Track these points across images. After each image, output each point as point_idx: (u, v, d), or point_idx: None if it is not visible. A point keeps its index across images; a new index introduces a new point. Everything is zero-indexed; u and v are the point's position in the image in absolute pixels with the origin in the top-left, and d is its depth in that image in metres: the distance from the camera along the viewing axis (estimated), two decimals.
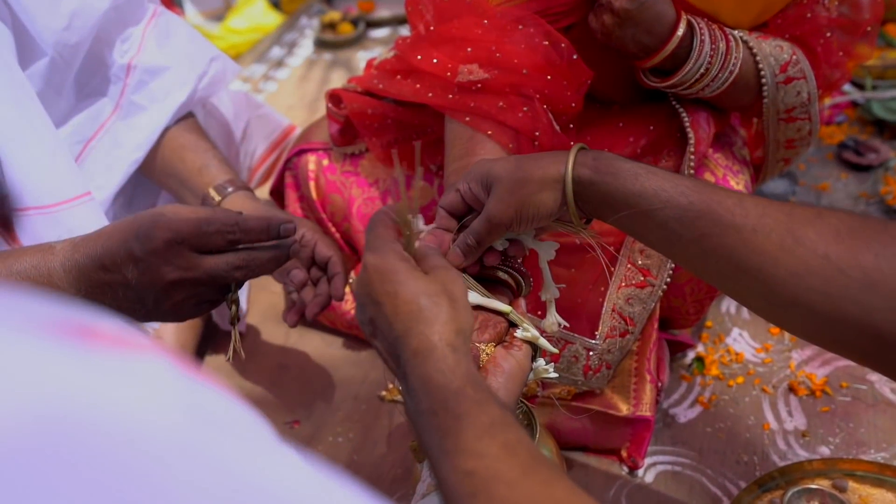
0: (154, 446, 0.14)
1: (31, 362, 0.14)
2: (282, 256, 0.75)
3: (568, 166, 0.64)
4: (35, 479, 0.12)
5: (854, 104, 1.57)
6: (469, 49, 0.91)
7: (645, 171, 0.63)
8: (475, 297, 0.69)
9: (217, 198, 0.98)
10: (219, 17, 2.43)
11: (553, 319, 0.72)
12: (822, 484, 0.85)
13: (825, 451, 0.92)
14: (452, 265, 0.66)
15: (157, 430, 0.15)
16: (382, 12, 2.09)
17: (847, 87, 1.58)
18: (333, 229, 1.12)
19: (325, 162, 1.12)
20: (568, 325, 0.74)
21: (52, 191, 0.87)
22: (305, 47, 2.02)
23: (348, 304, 1.12)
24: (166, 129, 1.04)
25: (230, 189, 0.99)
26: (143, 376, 0.16)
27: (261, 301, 1.24)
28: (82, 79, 1.03)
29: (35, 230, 0.86)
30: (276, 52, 2.01)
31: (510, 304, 0.74)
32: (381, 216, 0.62)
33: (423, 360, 0.51)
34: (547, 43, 0.90)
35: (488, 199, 0.67)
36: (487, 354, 0.68)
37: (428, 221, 0.73)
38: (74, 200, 0.88)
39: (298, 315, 0.94)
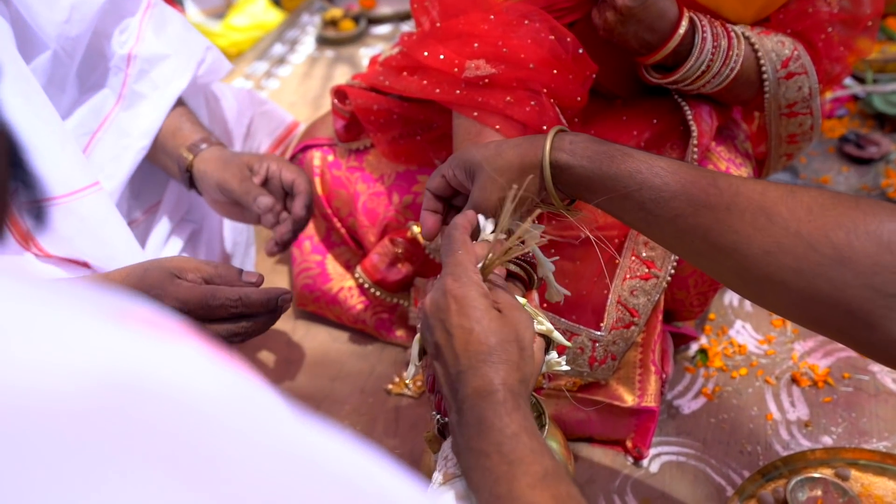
0: (213, 409, 0.15)
1: (96, 337, 0.15)
2: (275, 320, 0.78)
3: (545, 151, 0.65)
4: (107, 436, 0.13)
5: (855, 98, 1.57)
6: (476, 44, 0.91)
7: (621, 154, 0.63)
8: None
9: (189, 157, 1.00)
10: (220, 14, 2.43)
11: (556, 289, 0.73)
12: (825, 473, 0.86)
13: (828, 440, 0.93)
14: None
15: (213, 396, 0.15)
16: (384, 9, 2.09)
17: (848, 80, 1.59)
18: (339, 224, 1.12)
19: (331, 158, 1.13)
20: (570, 293, 0.74)
21: (63, 181, 0.88)
22: (307, 44, 2.03)
23: (354, 300, 1.13)
24: None
25: (203, 146, 1.01)
26: (189, 355, 0.17)
27: None
28: (83, 72, 1.04)
29: (52, 222, 0.88)
30: (278, 49, 2.01)
31: (523, 296, 0.75)
32: (460, 233, 0.63)
33: (483, 401, 0.52)
34: (553, 38, 0.91)
35: (472, 188, 0.68)
36: None
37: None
38: (85, 190, 0.90)
39: (274, 243, 0.95)
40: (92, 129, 1.04)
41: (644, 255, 0.92)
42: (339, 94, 1.09)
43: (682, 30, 0.87)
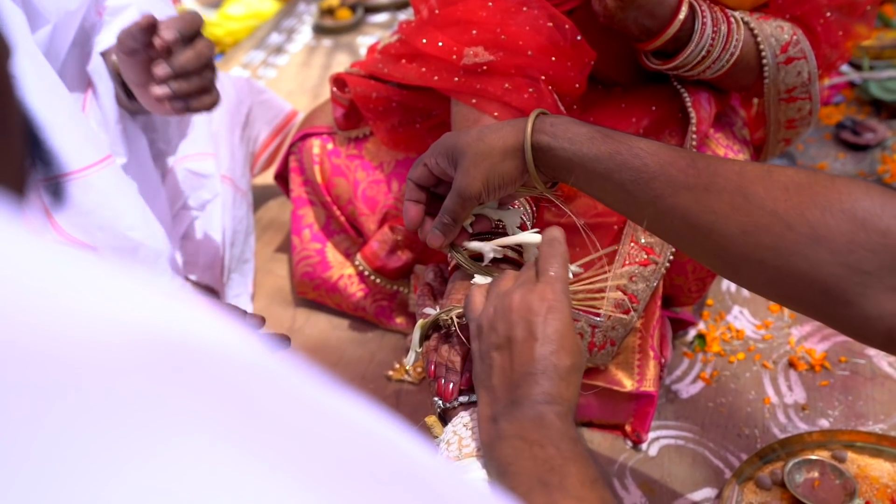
0: (248, 362, 0.16)
1: (139, 294, 0.16)
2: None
3: (526, 134, 0.66)
4: (154, 387, 0.13)
5: (851, 85, 1.58)
6: (474, 31, 0.91)
7: (601, 135, 0.64)
8: (488, 281, 0.71)
9: (114, 59, 0.97)
10: (215, 4, 2.43)
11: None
12: (822, 455, 0.87)
13: (824, 423, 0.94)
14: (434, 246, 0.71)
15: (242, 351, 0.16)
16: None
17: (845, 67, 1.59)
18: (339, 213, 1.13)
19: (330, 146, 1.13)
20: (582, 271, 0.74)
21: (78, 156, 0.88)
22: (304, 33, 2.02)
23: (354, 287, 1.13)
24: None
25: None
26: (218, 317, 0.17)
27: (267, 285, 1.26)
28: (77, 46, 1.03)
29: (70, 197, 0.88)
30: (275, 38, 2.01)
31: None
32: (564, 247, 0.65)
33: (548, 406, 0.55)
34: (551, 24, 0.91)
35: (455, 174, 0.68)
36: None
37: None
38: (100, 163, 0.90)
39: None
40: (82, 101, 1.03)
41: (643, 241, 0.93)
42: (339, 82, 1.09)
43: (681, 15, 0.87)
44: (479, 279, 0.72)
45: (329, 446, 0.15)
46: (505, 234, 0.75)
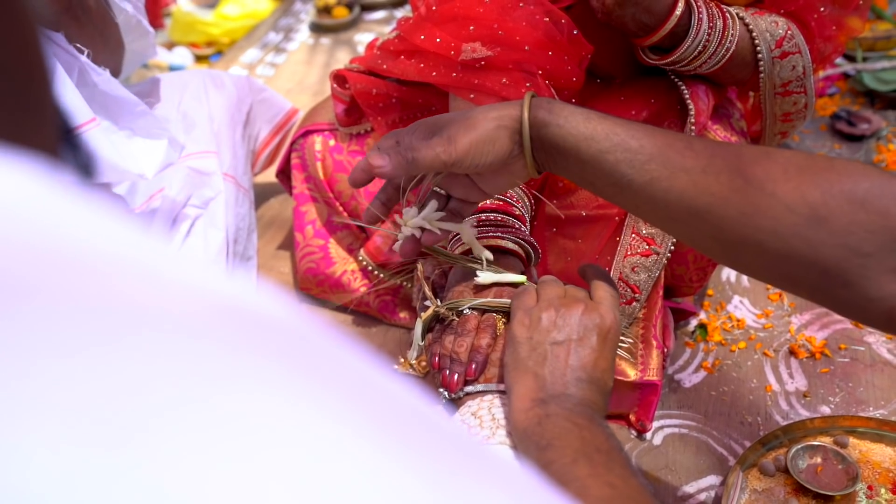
0: (306, 330, 0.16)
1: (193, 266, 0.16)
2: None
3: (524, 109, 0.64)
4: (236, 345, 0.14)
5: (846, 76, 1.59)
6: (471, 27, 0.92)
7: (598, 116, 0.63)
8: (490, 276, 0.72)
9: None
10: (211, 4, 2.43)
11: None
12: (824, 441, 0.88)
13: (826, 410, 0.95)
14: (375, 165, 0.66)
15: (298, 320, 0.17)
16: None
17: (839, 59, 1.60)
18: (341, 208, 1.14)
19: (332, 142, 1.13)
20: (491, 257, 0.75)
21: (72, 114, 0.90)
22: (301, 32, 2.03)
23: (357, 283, 1.14)
24: None
25: None
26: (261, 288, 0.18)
27: (270, 281, 1.26)
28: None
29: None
30: (273, 37, 2.01)
31: (522, 272, 0.77)
32: (604, 274, 0.71)
33: (594, 410, 0.60)
34: (547, 20, 0.92)
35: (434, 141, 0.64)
36: (504, 323, 0.71)
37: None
38: (88, 124, 0.91)
39: None
40: None
41: (644, 232, 0.94)
42: (339, 78, 1.10)
43: (678, 11, 0.88)
44: (488, 276, 0.73)
45: (385, 402, 0.16)
46: (520, 237, 0.77)
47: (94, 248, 0.15)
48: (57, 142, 0.21)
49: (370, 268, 1.10)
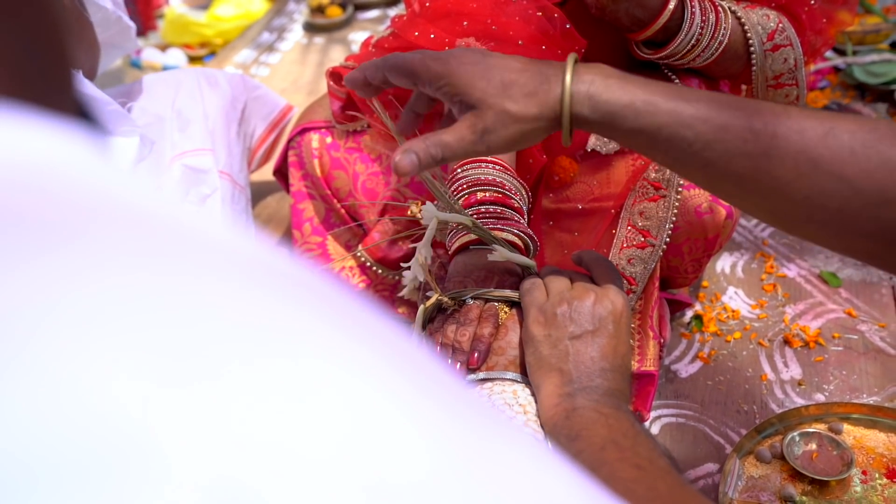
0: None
1: None
2: None
3: (564, 105, 0.60)
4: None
5: (836, 70, 1.61)
6: (465, 23, 0.93)
7: (644, 104, 0.58)
8: (505, 252, 0.73)
9: None
10: (204, 5, 2.43)
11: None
12: (819, 427, 0.89)
13: (820, 397, 0.97)
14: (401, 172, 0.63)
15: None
16: None
17: (829, 53, 1.62)
18: (339, 205, 1.14)
19: (329, 139, 1.14)
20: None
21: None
22: (295, 32, 2.03)
23: (356, 279, 1.15)
24: None
25: None
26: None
27: None
28: None
29: None
30: (266, 37, 2.02)
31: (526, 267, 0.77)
32: (602, 259, 0.74)
33: (620, 398, 0.62)
34: (540, 14, 0.93)
35: (469, 121, 0.61)
36: (506, 313, 0.72)
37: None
38: None
39: None
40: None
41: (640, 224, 0.95)
42: (335, 76, 1.10)
43: (671, 5, 0.90)
44: (503, 252, 0.73)
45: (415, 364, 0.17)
46: (519, 230, 0.78)
47: (140, 202, 0.16)
48: (78, 105, 0.22)
49: (368, 263, 1.11)
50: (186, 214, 0.17)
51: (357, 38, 1.96)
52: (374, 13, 2.07)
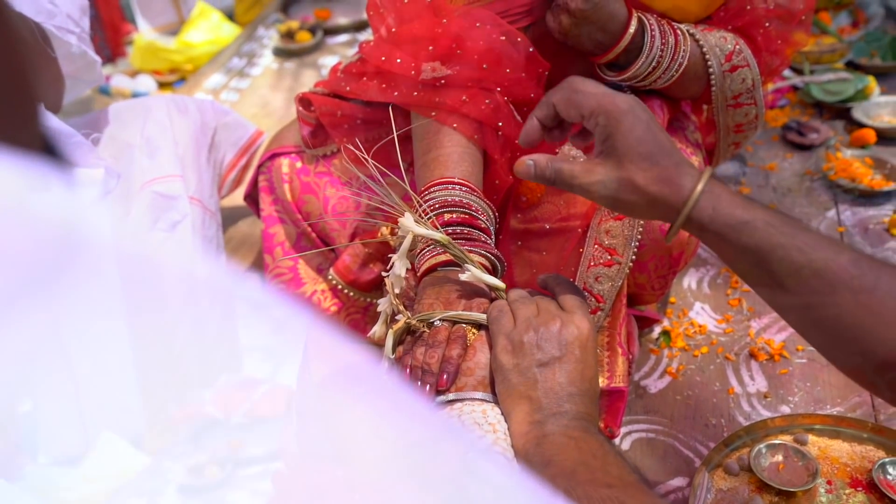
0: None
1: None
2: None
3: (687, 206, 0.63)
4: None
5: (794, 88, 1.65)
6: (430, 48, 0.95)
7: (763, 223, 0.61)
8: (476, 273, 0.74)
9: None
10: (173, 31, 2.43)
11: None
12: (785, 439, 0.91)
13: (786, 409, 0.99)
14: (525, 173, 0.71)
15: None
16: (339, 19, 2.12)
17: (787, 72, 1.67)
18: (309, 229, 1.15)
19: (299, 164, 1.15)
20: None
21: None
22: (265, 57, 2.04)
23: (327, 302, 1.15)
24: None
25: None
26: None
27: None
28: None
29: None
30: (237, 62, 2.03)
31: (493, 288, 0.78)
32: (567, 282, 0.76)
33: (588, 421, 0.63)
34: (504, 38, 0.95)
35: (601, 166, 0.66)
36: (474, 334, 0.72)
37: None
38: None
39: None
40: None
41: (606, 242, 0.97)
42: (304, 101, 1.12)
43: (631, 29, 0.92)
44: (474, 272, 0.73)
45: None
46: (488, 251, 0.79)
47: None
48: (42, 139, 0.22)
49: (339, 286, 1.11)
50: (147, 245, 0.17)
51: (327, 62, 1.98)
52: (343, 38, 2.09)
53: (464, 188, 0.86)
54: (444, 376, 0.69)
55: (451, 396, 0.68)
